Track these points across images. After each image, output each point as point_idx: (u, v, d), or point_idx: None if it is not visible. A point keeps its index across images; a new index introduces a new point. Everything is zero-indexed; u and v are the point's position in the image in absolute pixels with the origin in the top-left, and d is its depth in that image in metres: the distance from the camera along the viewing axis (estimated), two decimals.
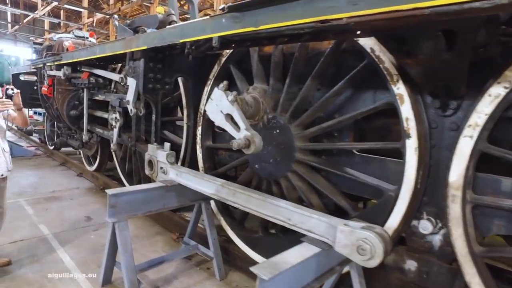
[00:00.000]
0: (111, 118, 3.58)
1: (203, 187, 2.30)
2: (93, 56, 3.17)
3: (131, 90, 2.98)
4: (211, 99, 2.26)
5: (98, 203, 4.31)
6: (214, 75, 2.97)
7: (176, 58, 2.91)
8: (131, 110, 3.01)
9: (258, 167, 2.54)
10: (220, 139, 3.13)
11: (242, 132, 2.09)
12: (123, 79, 3.06)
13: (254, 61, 2.65)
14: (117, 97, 3.49)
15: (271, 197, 1.91)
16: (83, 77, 3.89)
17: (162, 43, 2.23)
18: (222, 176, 2.91)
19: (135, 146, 3.31)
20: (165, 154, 2.59)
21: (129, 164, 4.30)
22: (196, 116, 3.14)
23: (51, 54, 4.15)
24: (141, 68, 2.72)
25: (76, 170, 5.86)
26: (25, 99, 7.76)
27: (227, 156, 3.09)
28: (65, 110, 4.31)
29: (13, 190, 4.58)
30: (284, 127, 2.35)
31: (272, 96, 2.48)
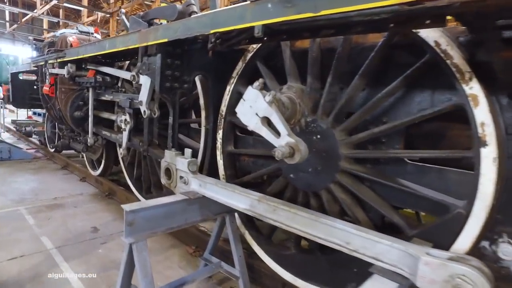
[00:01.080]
0: (120, 120, 3.27)
1: (235, 201, 2.00)
2: (102, 52, 2.86)
3: (145, 90, 2.67)
4: (243, 99, 1.96)
5: (104, 211, 4.00)
6: (238, 73, 2.67)
7: (196, 54, 2.61)
8: (144, 112, 2.70)
9: (294, 177, 2.23)
10: (242, 143, 2.83)
11: (283, 138, 1.79)
12: (135, 77, 2.75)
13: (287, 57, 2.35)
14: (127, 97, 3.18)
15: (324, 216, 1.61)
16: (89, 75, 3.57)
17: (187, 34, 1.92)
18: (246, 185, 2.63)
19: (148, 151, 3.00)
20: (186, 162, 2.28)
21: (137, 170, 3.98)
22: (217, 118, 2.83)
23: (54, 51, 3.84)
24: (157, 65, 2.41)
25: (78, 174, 5.55)
26: (25, 99, 7.48)
27: (251, 163, 2.79)
28: (69, 111, 4.00)
29: (13, 197, 4.27)
30: (327, 132, 2.04)
31: (310, 96, 2.18)
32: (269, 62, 2.59)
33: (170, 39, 2.06)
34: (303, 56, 2.35)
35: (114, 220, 3.77)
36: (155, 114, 2.74)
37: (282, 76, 2.45)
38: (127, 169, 4.20)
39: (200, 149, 3.01)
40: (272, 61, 2.59)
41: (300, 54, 2.38)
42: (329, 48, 2.23)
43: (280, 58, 2.54)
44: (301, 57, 2.35)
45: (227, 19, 1.69)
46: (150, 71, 2.52)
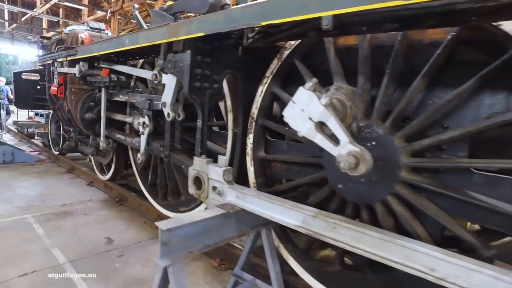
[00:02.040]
0: (137, 123, 3.03)
1: (283, 216, 1.76)
2: (120, 49, 2.62)
3: (169, 90, 2.43)
4: (293, 102, 1.74)
5: (117, 219, 3.75)
6: (272, 72, 2.44)
7: (227, 51, 2.38)
8: (168, 114, 2.47)
9: (343, 188, 2.00)
10: (273, 148, 2.60)
11: (345, 147, 1.57)
12: (157, 77, 2.51)
13: (332, 55, 2.12)
14: (145, 98, 2.94)
15: (400, 237, 1.38)
16: (102, 74, 3.33)
17: (230, 27, 1.69)
18: (278, 195, 2.40)
19: (169, 157, 2.76)
20: (221, 171, 2.04)
21: (152, 175, 3.75)
22: (247, 121, 2.60)
23: (64, 48, 3.60)
24: (186, 62, 2.18)
25: (86, 178, 5.30)
26: (27, 99, 7.21)
27: (284, 170, 2.56)
28: (79, 112, 3.75)
29: (19, 204, 4.02)
30: (384, 139, 1.82)
31: (362, 98, 1.95)
32: (306, 61, 2.37)
33: (207, 33, 1.82)
34: (346, 55, 2.15)
35: (128, 229, 3.53)
36: (179, 116, 2.50)
37: (318, 76, 2.23)
38: (141, 174, 3.96)
39: (226, 155, 2.78)
40: (310, 60, 2.36)
41: (343, 52, 2.16)
42: (378, 45, 2.02)
43: (319, 56, 2.33)
44: (344, 55, 2.14)
45: (284, 9, 1.45)
46: (177, 69, 2.29)
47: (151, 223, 3.65)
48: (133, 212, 3.99)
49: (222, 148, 2.96)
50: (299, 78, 2.44)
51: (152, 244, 3.20)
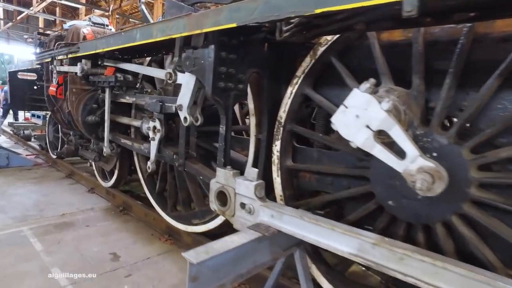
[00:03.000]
0: (147, 127, 2.73)
1: (332, 241, 1.48)
2: (130, 44, 2.32)
3: (187, 91, 2.15)
4: (345, 106, 1.47)
5: (122, 231, 3.45)
6: (304, 71, 2.15)
7: (253, 46, 2.10)
8: (185, 118, 2.18)
9: (395, 205, 1.73)
10: (302, 157, 2.32)
11: (414, 161, 1.29)
12: (171, 76, 2.23)
13: (377, 52, 1.85)
14: (156, 99, 2.65)
15: (501, 278, 1.10)
16: (107, 73, 3.04)
17: (271, 17, 1.41)
18: (306, 208, 2.14)
19: (184, 166, 2.46)
20: (252, 185, 1.76)
21: (161, 183, 3.45)
22: (273, 126, 2.31)
23: (65, 45, 3.29)
24: (210, 59, 1.89)
25: (86, 184, 4.98)
26: (24, 100, 6.88)
27: (316, 181, 2.27)
28: (81, 115, 3.45)
29: (14, 214, 3.70)
30: (449, 150, 1.54)
31: (418, 102, 1.68)
32: (342, 59, 2.09)
33: (241, 24, 1.54)
34: (391, 52, 1.88)
35: (135, 242, 3.23)
36: (197, 121, 2.21)
37: (356, 76, 1.97)
38: (147, 182, 3.66)
39: (248, 163, 2.49)
40: (346, 58, 2.09)
41: (387, 49, 1.89)
42: (432, 41, 1.75)
43: (357, 53, 2.06)
44: (389, 53, 1.87)
45: None
46: (197, 67, 2.00)
47: (160, 235, 3.35)
48: (139, 223, 3.69)
49: (242, 156, 2.68)
50: (332, 78, 2.18)
51: (162, 260, 2.90)
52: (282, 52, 2.37)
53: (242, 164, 2.62)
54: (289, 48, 2.36)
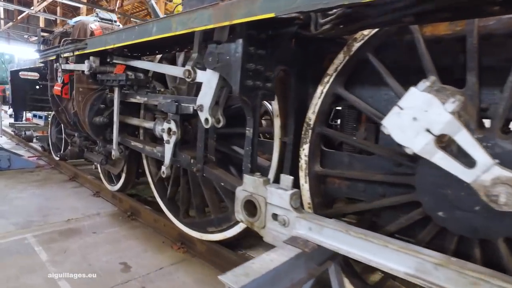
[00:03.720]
0: (160, 129, 2.54)
1: (384, 259, 1.30)
2: (146, 39, 2.14)
3: (208, 90, 1.96)
4: (399, 107, 1.29)
5: (131, 239, 3.26)
6: (337, 69, 1.97)
7: (282, 41, 1.92)
8: (206, 120, 2.00)
9: (446, 217, 1.55)
10: (331, 161, 2.14)
11: (487, 170, 1.11)
12: (190, 73, 2.04)
13: (422, 47, 1.67)
14: (171, 99, 2.47)
15: None
16: (117, 71, 2.85)
17: (320, 5, 1.23)
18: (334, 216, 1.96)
19: (203, 171, 2.28)
20: (287, 195, 1.58)
21: (172, 188, 3.27)
22: (300, 128, 2.13)
23: (71, 41, 3.11)
24: (237, 55, 1.71)
25: (91, 187, 4.79)
26: (25, 100, 6.70)
27: (346, 188, 2.10)
28: (88, 116, 3.26)
29: (17, 220, 3.51)
30: None
31: (474, 102, 1.50)
32: (378, 55, 1.92)
33: (280, 14, 1.36)
34: (435, 47, 1.71)
35: (145, 251, 3.04)
36: (219, 122, 2.03)
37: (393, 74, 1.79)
38: (157, 186, 3.48)
39: (271, 169, 2.31)
40: (382, 54, 1.91)
41: (431, 44, 1.72)
42: (486, 34, 1.58)
43: (395, 49, 1.89)
44: (433, 48, 1.70)
45: None
46: (221, 63, 1.82)
47: (171, 243, 3.16)
48: (148, 229, 3.50)
49: (264, 160, 2.50)
50: (365, 77, 2.01)
51: (176, 271, 2.72)
52: (309, 48, 2.20)
53: (264, 169, 2.45)
54: (317, 44, 2.18)
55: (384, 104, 1.96)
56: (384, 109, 1.93)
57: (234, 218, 2.61)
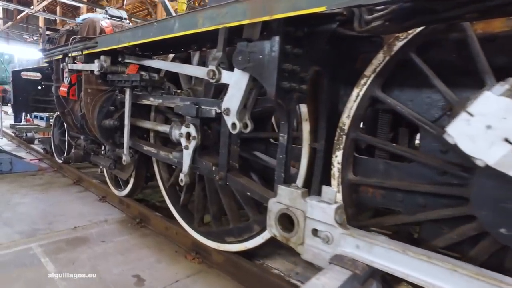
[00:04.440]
0: (178, 134, 2.38)
1: (454, 286, 1.14)
2: (167, 36, 1.98)
3: (236, 92, 1.81)
4: (469, 113, 1.13)
5: (142, 248, 3.09)
6: (375, 70, 1.82)
7: (317, 39, 1.76)
8: (233, 125, 1.84)
9: (509, 233, 1.39)
10: (365, 169, 1.99)
11: None
12: (214, 74, 1.89)
13: (476, 46, 1.53)
14: (190, 101, 2.30)
15: None
16: (130, 71, 2.69)
17: None
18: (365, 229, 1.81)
19: (226, 179, 2.12)
20: (331, 209, 1.42)
21: (186, 194, 3.10)
22: (333, 134, 1.98)
23: (80, 39, 2.94)
24: (273, 54, 1.56)
25: (96, 192, 4.62)
26: (27, 101, 6.52)
27: (381, 197, 1.94)
28: (96, 118, 3.10)
29: (21, 228, 3.33)
30: None
31: None
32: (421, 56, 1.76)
33: (335, 7, 1.20)
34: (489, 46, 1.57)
35: (158, 261, 2.87)
36: (246, 127, 1.87)
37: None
38: (169, 192, 3.31)
39: (299, 177, 2.15)
40: (426, 54, 1.76)
41: (484, 42, 1.57)
42: None
43: (441, 49, 1.74)
44: (486, 47, 1.55)
45: None
46: (253, 63, 1.66)
47: (185, 253, 3.00)
48: (159, 237, 3.33)
49: None
50: (404, 78, 1.86)
51: (193, 284, 2.55)
52: (340, 48, 2.04)
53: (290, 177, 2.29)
54: (349, 42, 2.03)
55: (425, 108, 1.81)
56: (426, 113, 1.79)
57: (256, 228, 2.45)
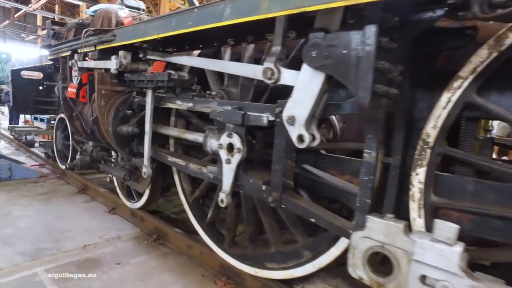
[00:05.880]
0: (218, 145, 2.01)
1: None
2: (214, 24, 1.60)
3: (305, 96, 1.45)
4: None
5: (163, 271, 2.71)
6: (476, 69, 1.46)
7: (412, 32, 1.41)
8: (300, 137, 1.47)
9: None
10: (449, 189, 1.64)
11: None
12: (273, 73, 1.53)
13: None
14: (233, 106, 1.94)
15: None
16: (155, 69, 2.31)
17: None
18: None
19: (281, 202, 1.75)
20: (454, 253, 1.06)
21: (214, 211, 2.73)
22: (413, 147, 1.62)
23: (94, 32, 2.56)
24: (368, 49, 1.20)
25: (104, 202, 4.22)
26: (27, 102, 6.10)
27: (471, 224, 1.58)
28: (112, 124, 2.72)
29: (24, 247, 2.94)
30: None
31: None
32: None
33: None
34: None
35: None
36: (314, 140, 1.51)
37: None
38: (193, 208, 2.94)
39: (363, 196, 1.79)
40: None
41: None
42: None
43: None
44: None
45: None
46: (333, 60, 1.31)
47: (214, 277, 2.62)
48: (181, 257, 2.95)
49: (348, 183, 1.98)
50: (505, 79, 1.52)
51: None
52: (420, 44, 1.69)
53: (348, 195, 1.93)
54: (429, 37, 1.68)
55: None
56: None
57: (306, 254, 2.10)
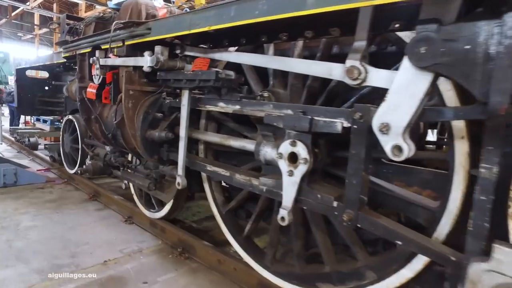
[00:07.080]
0: (276, 154, 1.77)
1: None
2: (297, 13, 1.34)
3: (405, 100, 1.23)
4: None
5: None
6: None
7: None
8: (397, 148, 1.25)
9: None
10: None
11: None
12: (359, 73, 1.30)
13: None
14: (296, 109, 1.70)
15: None
16: (198, 67, 2.06)
17: None
18: None
19: (357, 220, 1.52)
20: None
21: (254, 223, 2.49)
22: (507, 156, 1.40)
23: (123, 25, 2.30)
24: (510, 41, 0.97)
25: (119, 210, 3.95)
26: (33, 103, 5.81)
27: None
28: (140, 128, 2.46)
29: (39, 264, 2.66)
30: None
31: None
32: None
33: None
34: None
35: None
36: (409, 151, 1.28)
37: None
38: (227, 220, 2.69)
39: (447, 215, 1.57)
40: None
41: None
42: None
43: None
44: None
45: None
46: (449, 58, 1.08)
47: None
48: (212, 274, 2.69)
49: (422, 197, 1.75)
50: None
51: None
52: None
53: (422, 210, 1.71)
54: None
55: None
56: None
57: (370, 276, 1.86)
